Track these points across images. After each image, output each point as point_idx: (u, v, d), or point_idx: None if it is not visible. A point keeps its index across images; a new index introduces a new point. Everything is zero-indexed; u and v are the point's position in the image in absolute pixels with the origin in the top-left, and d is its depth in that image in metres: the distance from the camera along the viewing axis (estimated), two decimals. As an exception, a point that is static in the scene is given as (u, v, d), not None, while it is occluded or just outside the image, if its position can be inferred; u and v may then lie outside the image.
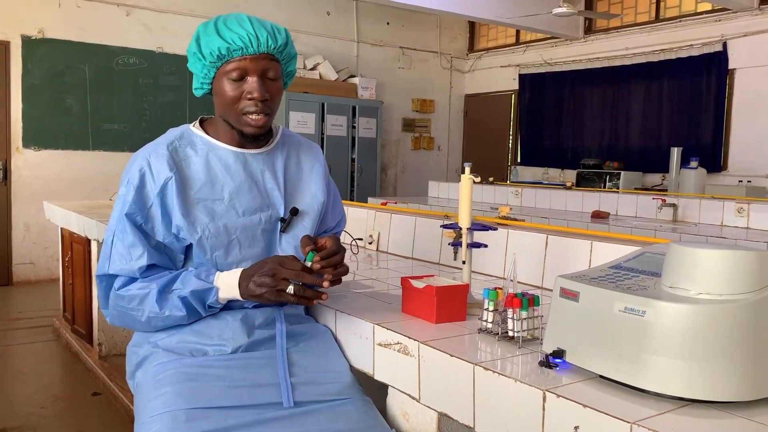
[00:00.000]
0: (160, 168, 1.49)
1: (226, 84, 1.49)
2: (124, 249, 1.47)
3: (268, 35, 1.48)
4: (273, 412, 1.40)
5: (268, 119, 1.52)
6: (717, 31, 6.83)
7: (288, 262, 1.42)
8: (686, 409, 1.02)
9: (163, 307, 1.45)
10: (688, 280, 1.08)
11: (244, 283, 1.45)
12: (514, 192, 6.02)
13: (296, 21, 7.80)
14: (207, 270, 1.49)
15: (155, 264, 1.48)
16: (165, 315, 1.46)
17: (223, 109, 1.53)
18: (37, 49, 6.25)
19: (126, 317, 1.50)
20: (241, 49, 1.46)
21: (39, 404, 3.21)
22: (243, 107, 1.49)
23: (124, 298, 1.47)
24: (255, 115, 1.49)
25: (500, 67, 9.19)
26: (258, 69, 1.48)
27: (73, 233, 3.86)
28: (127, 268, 1.46)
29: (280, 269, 1.41)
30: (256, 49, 1.47)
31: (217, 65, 1.49)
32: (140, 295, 1.46)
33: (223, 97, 1.51)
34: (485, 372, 1.21)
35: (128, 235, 1.47)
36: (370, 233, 2.78)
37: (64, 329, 4.29)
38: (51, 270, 6.33)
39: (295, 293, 1.40)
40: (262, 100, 1.48)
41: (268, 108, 1.50)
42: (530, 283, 2.02)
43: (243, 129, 1.51)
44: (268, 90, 1.49)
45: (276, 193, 1.58)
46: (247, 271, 1.46)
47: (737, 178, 6.63)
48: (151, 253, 1.47)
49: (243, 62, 1.47)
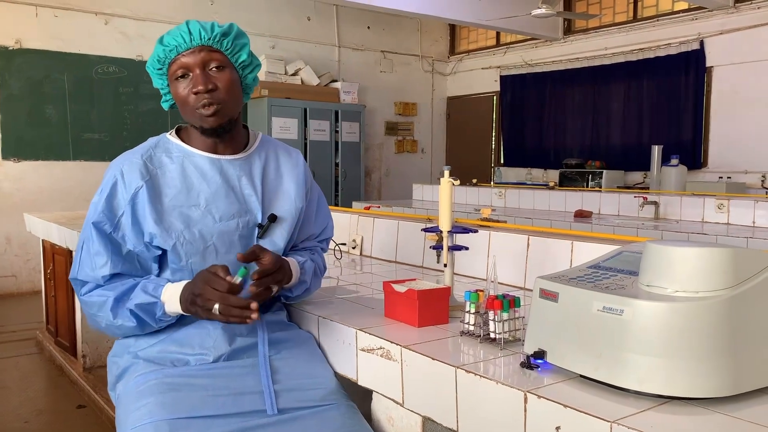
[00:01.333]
0: (131, 177, 1.49)
1: (177, 86, 1.51)
2: (89, 257, 1.50)
3: (201, 28, 1.49)
4: (257, 419, 1.40)
5: (221, 108, 1.50)
6: (694, 29, 6.91)
7: (215, 280, 1.35)
8: (666, 407, 1.03)
9: (116, 316, 1.47)
10: (664, 279, 1.09)
11: (184, 300, 1.42)
12: (498, 193, 6.04)
13: (276, 26, 7.79)
14: (156, 282, 1.48)
15: (120, 273, 1.50)
16: (118, 324, 1.47)
17: (183, 113, 1.54)
18: (14, 60, 6.19)
19: (93, 322, 1.53)
20: (176, 47, 1.49)
21: (23, 419, 3.18)
22: (194, 104, 1.49)
23: (86, 304, 1.51)
24: (205, 107, 1.49)
25: (481, 69, 9.23)
26: (197, 62, 1.49)
27: (55, 245, 3.83)
28: (92, 275, 1.49)
29: (206, 290, 1.36)
30: (189, 43, 1.49)
31: (164, 71, 1.53)
32: (98, 303, 1.48)
33: (178, 100, 1.53)
34: (467, 375, 1.21)
35: (94, 243, 1.49)
36: (354, 238, 2.78)
37: (48, 342, 4.25)
38: (33, 282, 6.26)
39: (221, 312, 1.35)
40: (206, 91, 1.48)
41: (217, 98, 1.49)
42: (513, 284, 2.03)
43: (202, 124, 1.51)
44: (212, 81, 1.49)
45: (253, 199, 1.58)
46: (187, 287, 1.43)
47: (717, 175, 6.70)
48: (115, 262, 1.48)
49: (182, 59, 1.49)
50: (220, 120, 1.51)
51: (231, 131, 1.57)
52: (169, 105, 1.61)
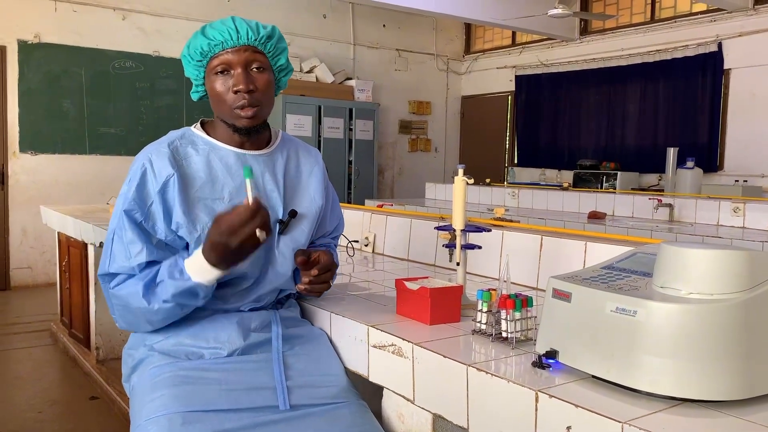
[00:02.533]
0: (161, 166, 1.49)
1: (215, 80, 1.51)
2: (123, 246, 1.47)
3: (248, 28, 1.50)
4: (269, 415, 1.41)
5: (259, 110, 1.52)
6: (712, 31, 6.85)
7: (235, 221, 1.35)
8: (677, 409, 1.03)
9: (150, 302, 1.44)
10: (678, 280, 1.08)
11: (221, 263, 1.40)
12: (511, 193, 6.02)
13: (292, 24, 7.81)
14: (176, 264, 1.44)
15: (155, 260, 1.47)
16: (155, 309, 1.44)
17: (216, 107, 1.55)
18: (33, 54, 6.25)
19: (126, 314, 1.49)
20: (222, 43, 1.49)
21: (37, 409, 3.21)
22: (232, 102, 1.50)
23: (116, 297, 1.48)
24: (244, 108, 1.50)
25: (496, 68, 9.20)
26: (241, 61, 1.49)
27: (70, 237, 3.86)
28: (127, 265, 1.46)
29: (241, 233, 1.35)
30: (236, 41, 1.49)
31: (203, 63, 1.53)
32: (128, 293, 1.45)
33: (213, 94, 1.53)
34: (478, 373, 1.22)
35: (127, 232, 1.47)
36: (366, 235, 2.79)
37: (62, 333, 4.29)
38: (48, 274, 6.32)
39: (267, 235, 1.38)
40: (247, 92, 1.48)
41: (256, 100, 1.50)
42: (525, 284, 2.03)
43: (236, 123, 1.52)
44: (253, 81, 1.50)
45: (275, 195, 1.59)
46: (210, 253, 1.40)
47: (733, 178, 6.64)
48: (150, 249, 1.47)
49: (225, 55, 1.50)
50: (256, 122, 1.53)
51: (260, 132, 1.59)
52: (199, 96, 1.61)
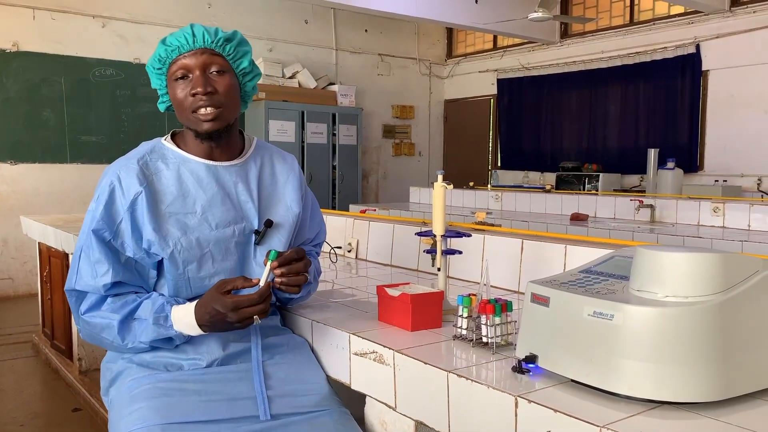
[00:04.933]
0: (129, 183, 1.47)
1: (175, 87, 1.51)
2: (89, 265, 1.46)
3: (205, 31, 1.50)
4: (249, 425, 1.40)
5: (219, 112, 1.50)
6: (690, 33, 6.93)
7: (243, 301, 1.38)
8: (655, 411, 1.03)
9: (124, 339, 1.45)
10: (654, 284, 1.09)
11: (207, 326, 1.42)
12: (495, 196, 6.04)
13: (274, 30, 7.80)
14: (161, 310, 1.45)
15: (121, 281, 1.47)
16: (129, 347, 1.46)
17: (179, 115, 1.54)
18: (11, 62, 6.19)
19: (94, 339, 1.50)
20: (178, 48, 1.49)
21: (19, 422, 3.17)
22: (191, 105, 1.49)
23: (88, 324, 1.47)
24: (203, 109, 1.48)
25: (478, 72, 9.25)
26: (199, 64, 1.49)
27: (51, 248, 3.82)
28: (93, 284, 1.46)
29: (243, 313, 1.38)
30: (192, 44, 1.49)
31: (164, 71, 1.53)
32: (101, 325, 1.45)
33: (175, 101, 1.52)
34: (459, 379, 1.22)
35: (94, 252, 1.46)
36: (349, 241, 2.78)
37: (44, 345, 4.24)
38: (30, 285, 6.25)
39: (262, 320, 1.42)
40: (205, 93, 1.47)
41: (216, 101, 1.49)
42: (507, 288, 2.03)
43: (197, 128, 1.51)
44: (211, 84, 1.49)
45: (249, 206, 1.57)
46: (204, 314, 1.41)
47: (713, 178, 6.72)
48: (116, 270, 1.46)
49: (183, 60, 1.49)
50: (217, 125, 1.50)
51: (227, 137, 1.57)
52: (165, 107, 1.60)
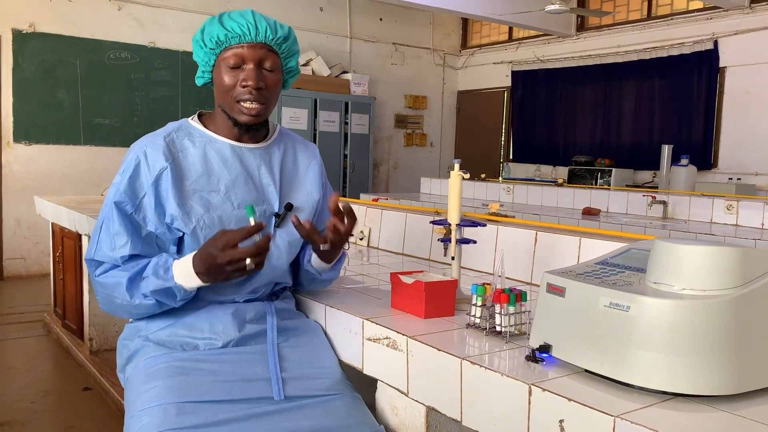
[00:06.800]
0: (155, 158, 1.49)
1: (224, 71, 1.52)
2: (109, 237, 1.49)
3: (268, 26, 1.51)
4: (263, 406, 1.41)
5: (263, 109, 1.53)
6: (708, 29, 6.86)
7: (233, 238, 1.38)
8: (669, 403, 1.04)
9: (132, 296, 1.46)
10: (671, 276, 1.09)
11: (204, 274, 1.43)
12: (506, 189, 6.04)
13: (289, 16, 7.78)
14: (164, 263, 1.46)
15: (139, 254, 1.49)
16: (136, 304, 1.47)
17: (220, 97, 1.55)
18: (28, 44, 6.21)
19: (109, 303, 1.51)
20: (239, 37, 1.49)
21: (29, 399, 3.21)
22: (238, 95, 1.51)
23: (100, 284, 1.50)
24: (249, 103, 1.51)
25: (493, 63, 9.20)
26: (254, 57, 1.50)
27: (64, 228, 3.85)
28: (111, 255, 1.48)
29: (232, 253, 1.38)
30: (254, 37, 1.50)
31: (216, 52, 1.53)
32: (112, 284, 1.48)
33: (220, 84, 1.53)
34: (472, 366, 1.23)
35: (114, 224, 1.48)
36: (362, 229, 2.79)
37: (55, 324, 4.28)
38: (42, 265, 6.30)
39: (256, 265, 1.40)
40: (256, 88, 1.49)
41: (262, 97, 1.51)
42: (520, 279, 2.04)
43: (237, 117, 1.53)
44: (263, 79, 1.51)
45: (271, 189, 1.59)
46: (200, 260, 1.42)
47: (727, 176, 6.67)
48: (135, 242, 1.48)
49: (240, 49, 1.50)
50: (258, 120, 1.54)
51: (260, 129, 1.60)
52: (203, 82, 1.61)
